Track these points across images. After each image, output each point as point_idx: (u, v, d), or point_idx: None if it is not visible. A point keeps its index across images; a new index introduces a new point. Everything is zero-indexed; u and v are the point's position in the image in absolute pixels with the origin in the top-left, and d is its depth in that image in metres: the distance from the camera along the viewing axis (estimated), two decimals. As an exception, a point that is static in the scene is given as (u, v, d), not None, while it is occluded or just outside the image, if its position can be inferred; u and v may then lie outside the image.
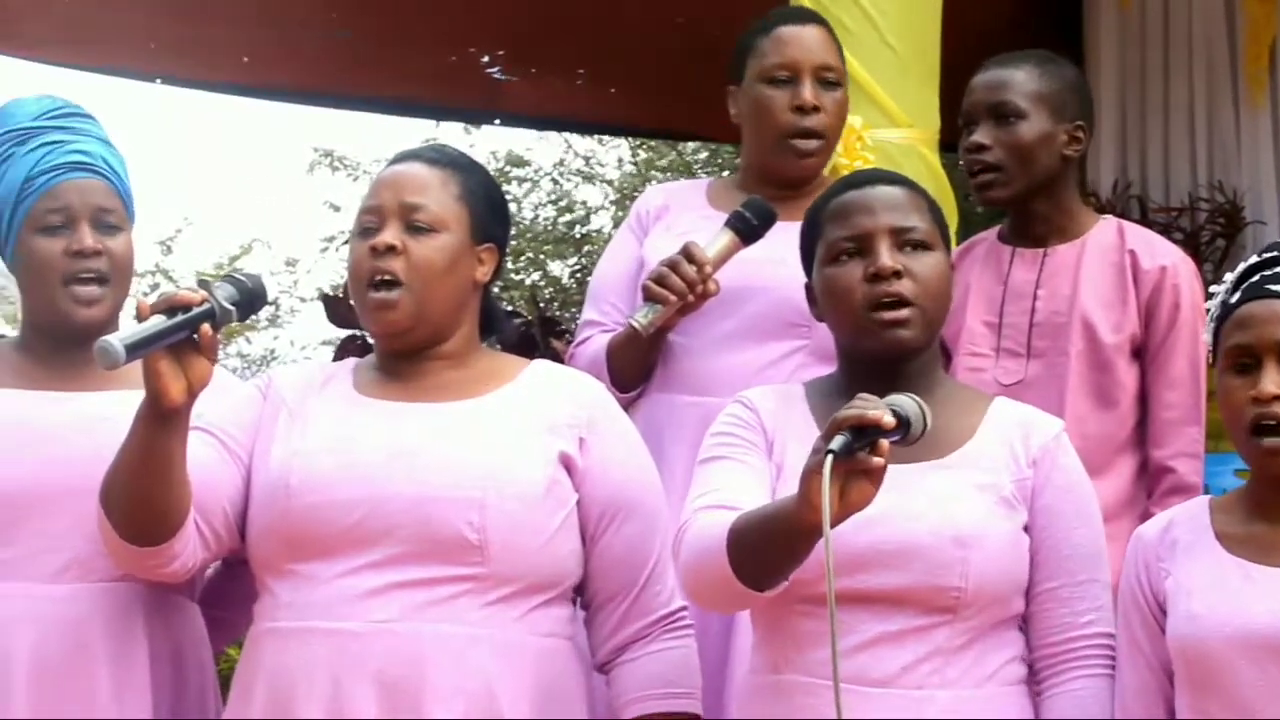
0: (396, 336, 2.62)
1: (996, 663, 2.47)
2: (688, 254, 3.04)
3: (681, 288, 3.02)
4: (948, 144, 3.69)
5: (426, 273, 2.59)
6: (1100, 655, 2.50)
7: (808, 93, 3.17)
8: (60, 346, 2.76)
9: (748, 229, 3.09)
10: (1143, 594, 2.46)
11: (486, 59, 7.04)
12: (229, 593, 2.86)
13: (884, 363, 2.51)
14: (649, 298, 3.04)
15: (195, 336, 2.41)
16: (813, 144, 3.19)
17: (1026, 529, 2.50)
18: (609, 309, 3.21)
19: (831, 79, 3.21)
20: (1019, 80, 3.19)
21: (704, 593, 2.45)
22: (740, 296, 3.13)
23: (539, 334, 5.92)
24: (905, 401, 2.28)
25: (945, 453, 2.49)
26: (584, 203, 13.31)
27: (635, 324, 3.05)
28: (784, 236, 2.94)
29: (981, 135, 3.19)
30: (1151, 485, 3.15)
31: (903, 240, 2.51)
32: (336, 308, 6.29)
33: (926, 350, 2.54)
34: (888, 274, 2.48)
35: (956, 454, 2.50)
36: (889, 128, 3.63)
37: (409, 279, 2.58)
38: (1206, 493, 2.77)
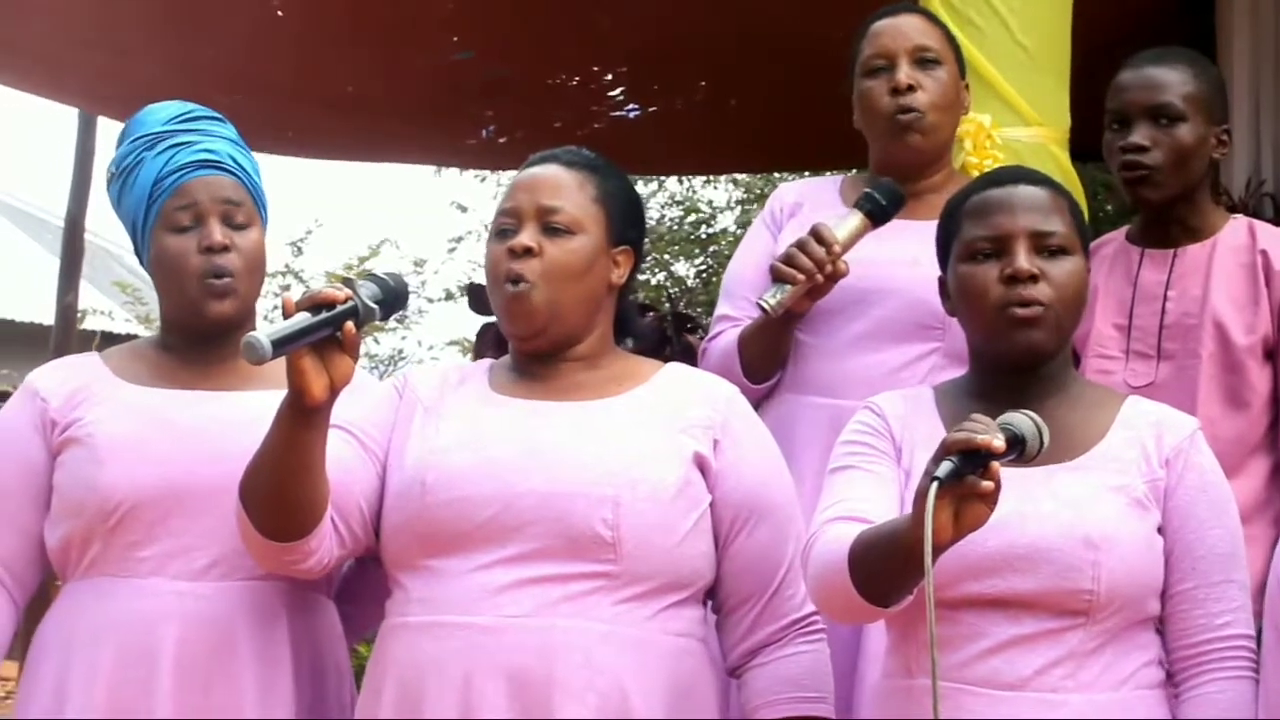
0: (531, 337, 2.63)
1: (1132, 666, 2.44)
2: (817, 234, 3.03)
3: (810, 267, 3.01)
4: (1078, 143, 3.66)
5: (562, 274, 2.60)
6: (1239, 658, 2.46)
7: (902, 74, 3.16)
8: (197, 344, 2.79)
9: (878, 210, 3.08)
10: None
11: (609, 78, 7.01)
12: (360, 589, 2.87)
13: (1015, 365, 2.49)
14: (777, 278, 3.03)
15: (338, 334, 2.42)
16: (911, 117, 3.16)
17: (1160, 530, 2.47)
18: (742, 303, 3.20)
19: (930, 58, 3.19)
20: (1176, 81, 3.14)
21: (831, 607, 2.45)
22: (873, 298, 3.12)
23: (672, 329, 5.95)
24: (1020, 420, 2.25)
25: (1076, 453, 2.48)
26: (709, 203, 13.30)
27: (764, 304, 3.04)
28: (917, 236, 2.93)
29: (1140, 136, 3.13)
30: (1284, 488, 3.11)
31: (1041, 244, 2.49)
32: (481, 295, 6.36)
33: (1058, 355, 2.52)
34: (1024, 277, 2.46)
35: (1087, 455, 2.48)
36: (1019, 125, 3.58)
37: (544, 280, 2.59)
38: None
